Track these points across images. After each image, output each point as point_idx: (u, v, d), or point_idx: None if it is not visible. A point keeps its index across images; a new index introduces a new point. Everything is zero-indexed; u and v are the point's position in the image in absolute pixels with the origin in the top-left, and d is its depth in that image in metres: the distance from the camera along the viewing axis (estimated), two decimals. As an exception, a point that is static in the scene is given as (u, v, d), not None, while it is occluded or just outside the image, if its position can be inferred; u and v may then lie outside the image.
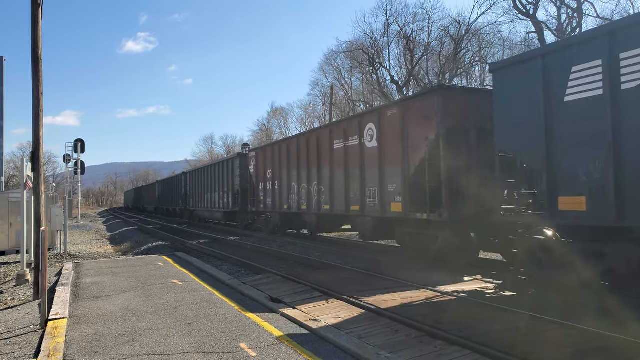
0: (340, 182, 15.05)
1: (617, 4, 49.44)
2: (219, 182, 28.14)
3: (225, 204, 26.92)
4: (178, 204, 39.96)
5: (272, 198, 20.63)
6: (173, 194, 42.03)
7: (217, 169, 28.90)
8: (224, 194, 27.10)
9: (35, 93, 9.12)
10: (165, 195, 46.62)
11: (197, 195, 33.63)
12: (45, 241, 7.40)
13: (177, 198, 40.30)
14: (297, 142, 18.70)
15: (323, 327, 6.16)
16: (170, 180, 45.31)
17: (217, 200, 28.73)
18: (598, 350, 5.21)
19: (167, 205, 45.84)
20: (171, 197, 43.01)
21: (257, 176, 22.44)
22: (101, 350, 5.48)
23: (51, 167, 78.06)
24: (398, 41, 41.31)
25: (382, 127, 12.84)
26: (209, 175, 30.58)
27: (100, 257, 15.69)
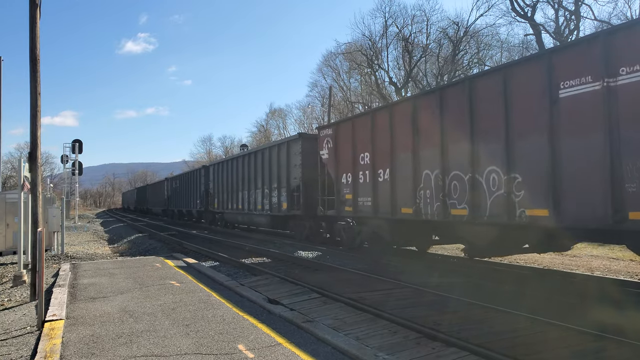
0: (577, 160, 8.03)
1: (615, 7, 49.64)
2: (263, 175, 21.82)
3: (275, 204, 20.39)
4: (195, 205, 33.73)
5: (371, 196, 13.32)
6: (188, 193, 35.93)
7: (259, 159, 22.36)
8: (273, 191, 20.61)
9: (33, 93, 9.09)
10: (177, 194, 40.37)
11: (224, 193, 27.23)
12: (43, 242, 7.37)
13: (193, 197, 34.21)
14: (439, 99, 10.99)
15: (321, 328, 6.14)
16: (185, 177, 38.09)
17: (258, 199, 22.28)
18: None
19: (179, 207, 39.47)
20: (185, 197, 36.77)
21: (336, 164, 15.21)
22: (98, 351, 5.46)
23: (49, 167, 78.13)
24: (396, 43, 41.38)
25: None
26: (245, 167, 24.22)
27: (97, 258, 15.64)
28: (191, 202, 34.87)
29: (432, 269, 11.22)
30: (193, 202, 34.25)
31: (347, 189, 14.54)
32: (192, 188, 34.58)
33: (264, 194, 21.66)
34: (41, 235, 7.37)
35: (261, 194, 21.94)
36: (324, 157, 15.99)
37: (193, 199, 34.26)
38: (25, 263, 11.11)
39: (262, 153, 22.23)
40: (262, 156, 22.10)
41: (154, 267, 11.91)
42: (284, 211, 19.51)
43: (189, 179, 35.99)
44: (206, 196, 30.86)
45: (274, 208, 20.49)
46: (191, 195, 34.87)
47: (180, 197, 38.74)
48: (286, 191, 19.15)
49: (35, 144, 9.13)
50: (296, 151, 18.56)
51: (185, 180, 37.65)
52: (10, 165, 62.67)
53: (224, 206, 27.30)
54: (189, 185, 35.76)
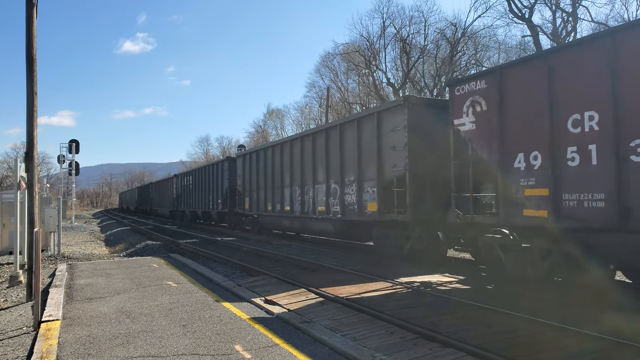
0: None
1: (612, 9, 49.78)
2: (329, 164, 15.58)
3: (352, 205, 14.22)
4: (214, 206, 28.50)
5: (608, 189, 7.51)
6: (205, 191, 30.52)
7: (322, 142, 16.05)
8: (348, 186, 14.53)
9: (30, 93, 9.06)
10: (189, 193, 34.83)
11: (260, 191, 21.48)
12: (39, 242, 7.34)
13: (212, 196, 28.91)
14: None
15: (318, 328, 6.13)
16: (200, 172, 32.09)
17: (319, 198, 16.17)
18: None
19: (192, 207, 34.02)
20: (201, 196, 31.50)
21: (501, 137, 9.35)
22: (95, 352, 5.44)
23: (45, 167, 77.90)
24: (394, 43, 41.50)
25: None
26: (296, 155, 18.05)
27: (94, 259, 15.60)
28: (209, 202, 29.57)
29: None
30: (212, 202, 28.96)
31: (531, 179, 8.67)
32: (211, 185, 29.26)
33: (329, 191, 15.50)
34: (38, 236, 7.34)
35: (325, 191, 15.75)
36: (466, 130, 10.05)
37: (212, 198, 29.04)
38: (22, 263, 11.06)
39: (326, 134, 15.66)
40: (326, 138, 15.57)
41: (151, 268, 11.88)
42: (368, 215, 13.44)
43: (207, 175, 30.44)
44: (231, 195, 25.82)
45: (349, 211, 14.37)
46: (209, 194, 29.65)
47: (194, 196, 33.24)
48: (376, 186, 13.05)
49: (32, 144, 9.09)
50: (397, 125, 12.12)
51: (201, 176, 31.81)
52: (7, 165, 62.55)
53: (259, 207, 21.57)
54: (206, 182, 30.33)
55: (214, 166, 29.65)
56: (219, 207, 27.88)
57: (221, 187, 27.28)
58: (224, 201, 26.82)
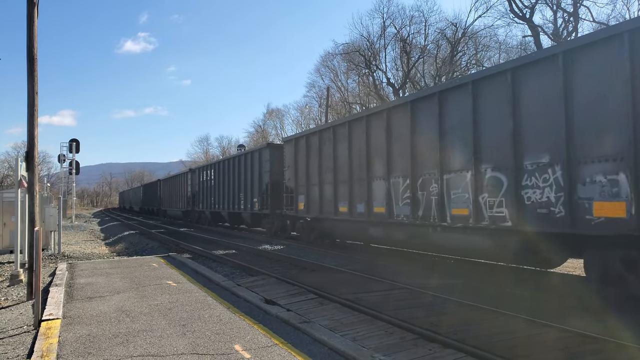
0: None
1: (613, 9, 49.84)
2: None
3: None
4: (247, 206, 23.40)
5: None
6: (234, 188, 25.42)
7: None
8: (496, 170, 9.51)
9: (30, 92, 9.08)
10: (210, 190, 29.62)
11: (322, 186, 16.23)
12: (39, 241, 7.36)
13: (246, 194, 23.58)
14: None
15: (317, 328, 6.15)
16: (228, 164, 26.63)
17: (431, 195, 11.20)
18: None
19: (214, 207, 28.89)
20: (228, 193, 26.32)
21: None
22: (95, 351, 5.46)
23: (46, 167, 78.01)
24: (394, 43, 41.51)
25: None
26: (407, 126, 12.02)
27: (94, 258, 15.63)
28: (239, 201, 24.54)
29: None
30: (244, 201, 23.83)
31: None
32: (242, 180, 24.14)
33: (480, 182, 9.93)
34: (38, 235, 7.36)
35: (467, 183, 10.23)
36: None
37: (245, 196, 23.74)
38: (22, 262, 11.09)
39: (473, 88, 10.05)
40: (473, 94, 10.02)
41: (151, 267, 11.90)
42: (597, 225, 7.64)
43: (235, 168, 25.29)
44: (273, 192, 20.69)
45: (536, 216, 8.68)
46: (239, 191, 24.54)
47: (217, 194, 28.12)
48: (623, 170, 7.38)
49: (33, 143, 9.12)
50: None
51: (227, 169, 26.71)
52: (7, 165, 62.61)
53: (323, 208, 16.13)
54: (234, 177, 25.45)
55: (247, 156, 23.96)
56: (254, 208, 22.61)
57: (259, 183, 22.06)
58: (263, 200, 21.54)
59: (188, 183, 34.93)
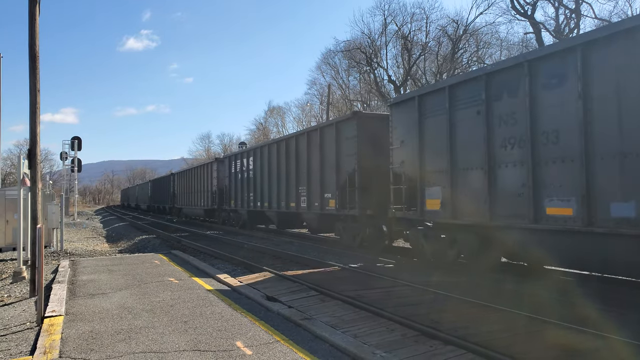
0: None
1: (615, 5, 49.71)
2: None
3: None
4: (313, 203, 16.70)
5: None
6: (283, 180, 19.07)
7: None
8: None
9: (32, 90, 9.10)
10: (248, 185, 23.05)
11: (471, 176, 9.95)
12: (42, 238, 7.40)
13: (309, 187, 17.02)
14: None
15: (319, 325, 6.18)
16: (278, 148, 19.85)
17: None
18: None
19: (254, 206, 22.19)
20: (277, 188, 19.61)
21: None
22: (97, 347, 5.49)
23: (48, 164, 78.23)
24: (396, 41, 41.46)
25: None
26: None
27: (96, 255, 15.68)
28: (301, 197, 17.62)
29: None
30: (309, 198, 17.06)
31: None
32: (305, 168, 17.32)
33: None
34: (40, 232, 7.40)
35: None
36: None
37: (309, 190, 17.02)
38: (25, 259, 11.14)
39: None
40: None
41: (153, 264, 11.94)
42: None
43: (291, 152, 18.63)
44: (361, 182, 14.04)
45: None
46: (301, 184, 17.64)
47: (261, 189, 21.36)
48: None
49: (35, 141, 9.14)
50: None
51: (277, 155, 19.77)
52: (10, 162, 62.76)
53: (500, 208, 9.30)
54: (289, 164, 18.69)
55: (312, 135, 17.06)
56: (325, 206, 15.97)
57: (336, 171, 15.20)
58: (344, 196, 14.77)
59: (213, 176, 28.89)
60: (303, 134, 17.89)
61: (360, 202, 14.12)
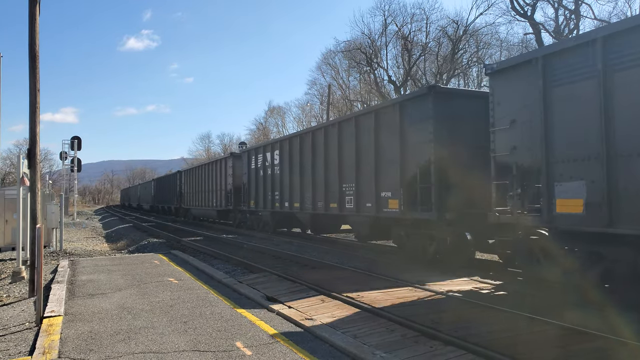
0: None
1: (615, 6, 49.68)
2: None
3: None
4: (364, 204, 13.46)
5: None
6: (320, 176, 16.14)
7: None
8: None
9: (32, 90, 9.09)
10: (276, 182, 19.52)
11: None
12: (41, 238, 7.38)
13: (358, 185, 13.76)
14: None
15: (318, 326, 6.16)
16: (309, 139, 17.03)
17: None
18: (593, 351, 5.23)
19: (278, 206, 19.35)
20: (312, 185, 16.67)
21: None
22: (96, 348, 5.47)
23: (47, 164, 78.13)
24: (396, 41, 41.42)
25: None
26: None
27: (96, 255, 15.66)
28: (345, 197, 14.54)
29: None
30: (357, 197, 13.88)
31: None
32: (350, 161, 14.26)
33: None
34: (40, 232, 7.38)
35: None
36: None
37: (358, 189, 13.88)
38: (24, 259, 11.12)
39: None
40: None
41: (153, 264, 11.92)
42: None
43: (332, 142, 15.46)
44: (424, 177, 11.23)
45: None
46: (346, 181, 14.56)
47: (290, 187, 18.30)
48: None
49: (34, 141, 9.12)
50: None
51: (313, 146, 16.73)
52: (10, 162, 62.72)
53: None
54: (328, 157, 15.67)
55: (362, 120, 13.87)
56: (383, 208, 12.59)
57: (399, 164, 12.01)
58: (416, 193, 11.51)
59: (228, 173, 26.10)
60: (349, 120, 14.76)
61: (438, 202, 10.89)
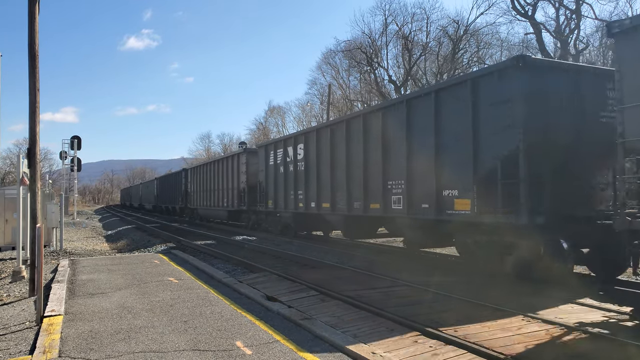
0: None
1: (616, 6, 49.64)
2: None
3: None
4: (419, 205, 11.17)
5: None
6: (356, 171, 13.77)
7: None
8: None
9: (32, 89, 9.09)
10: (300, 180, 17.58)
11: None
12: (41, 238, 7.39)
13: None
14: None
15: (319, 325, 6.17)
16: (349, 126, 14.29)
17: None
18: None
19: (302, 207, 17.40)
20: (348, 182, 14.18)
21: None
22: (97, 347, 5.48)
23: (47, 163, 78.09)
24: (396, 41, 41.41)
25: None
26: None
27: (96, 255, 15.67)
28: (390, 194, 12.24)
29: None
30: (407, 195, 11.57)
31: None
32: (407, 154, 11.58)
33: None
34: (40, 231, 7.38)
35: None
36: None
37: (410, 184, 11.54)
38: (24, 259, 11.12)
39: None
40: None
41: (152, 264, 11.92)
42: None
43: (388, 128, 12.50)
44: (508, 171, 8.87)
45: None
46: (391, 177, 12.26)
47: (318, 184, 16.23)
48: None
49: (34, 140, 9.13)
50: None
51: (349, 137, 14.35)
52: (9, 161, 62.77)
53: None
54: (375, 151, 13.01)
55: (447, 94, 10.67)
56: (446, 208, 10.46)
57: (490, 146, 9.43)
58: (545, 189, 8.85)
59: (241, 170, 24.01)
60: (397, 105, 12.20)
61: (529, 202, 8.57)
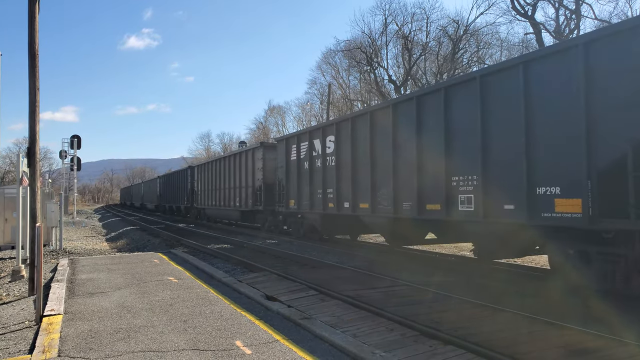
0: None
1: (615, 6, 49.62)
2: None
3: None
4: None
5: None
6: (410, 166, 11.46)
7: None
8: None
9: (32, 88, 9.07)
10: (330, 177, 15.21)
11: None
12: (41, 237, 7.38)
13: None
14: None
15: (318, 325, 6.16)
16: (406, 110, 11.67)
17: None
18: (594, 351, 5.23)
19: (332, 208, 15.16)
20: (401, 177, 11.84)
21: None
22: (96, 346, 5.47)
23: (47, 163, 78.16)
24: (396, 40, 41.39)
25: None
26: None
27: (95, 254, 15.66)
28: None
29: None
30: (495, 193, 9.09)
31: None
32: (482, 143, 9.31)
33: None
34: (39, 231, 7.37)
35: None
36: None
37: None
38: (24, 258, 11.11)
39: None
40: None
41: (152, 263, 11.91)
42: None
43: (452, 110, 10.19)
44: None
45: None
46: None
47: (358, 183, 13.77)
48: None
49: (34, 139, 9.11)
50: None
51: (396, 125, 12.05)
52: (9, 161, 62.74)
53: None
54: (433, 141, 10.77)
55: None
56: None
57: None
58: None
59: (257, 167, 21.96)
60: (465, 83, 10.09)
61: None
